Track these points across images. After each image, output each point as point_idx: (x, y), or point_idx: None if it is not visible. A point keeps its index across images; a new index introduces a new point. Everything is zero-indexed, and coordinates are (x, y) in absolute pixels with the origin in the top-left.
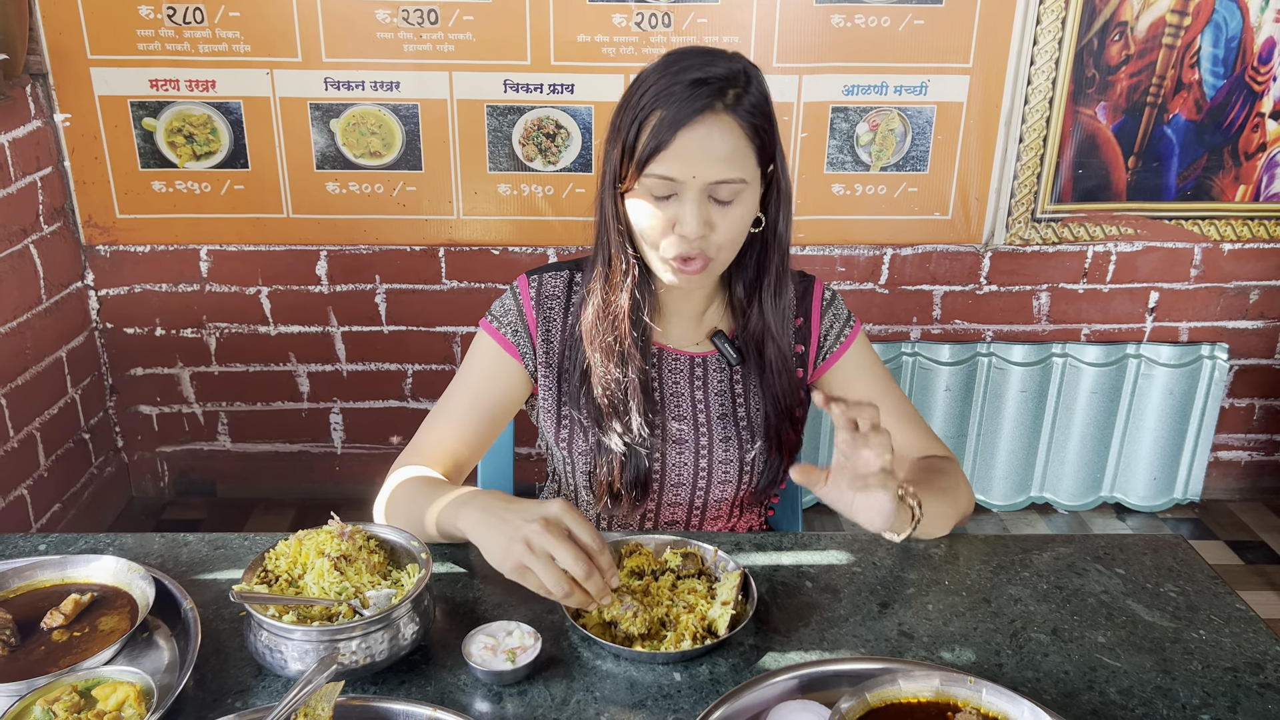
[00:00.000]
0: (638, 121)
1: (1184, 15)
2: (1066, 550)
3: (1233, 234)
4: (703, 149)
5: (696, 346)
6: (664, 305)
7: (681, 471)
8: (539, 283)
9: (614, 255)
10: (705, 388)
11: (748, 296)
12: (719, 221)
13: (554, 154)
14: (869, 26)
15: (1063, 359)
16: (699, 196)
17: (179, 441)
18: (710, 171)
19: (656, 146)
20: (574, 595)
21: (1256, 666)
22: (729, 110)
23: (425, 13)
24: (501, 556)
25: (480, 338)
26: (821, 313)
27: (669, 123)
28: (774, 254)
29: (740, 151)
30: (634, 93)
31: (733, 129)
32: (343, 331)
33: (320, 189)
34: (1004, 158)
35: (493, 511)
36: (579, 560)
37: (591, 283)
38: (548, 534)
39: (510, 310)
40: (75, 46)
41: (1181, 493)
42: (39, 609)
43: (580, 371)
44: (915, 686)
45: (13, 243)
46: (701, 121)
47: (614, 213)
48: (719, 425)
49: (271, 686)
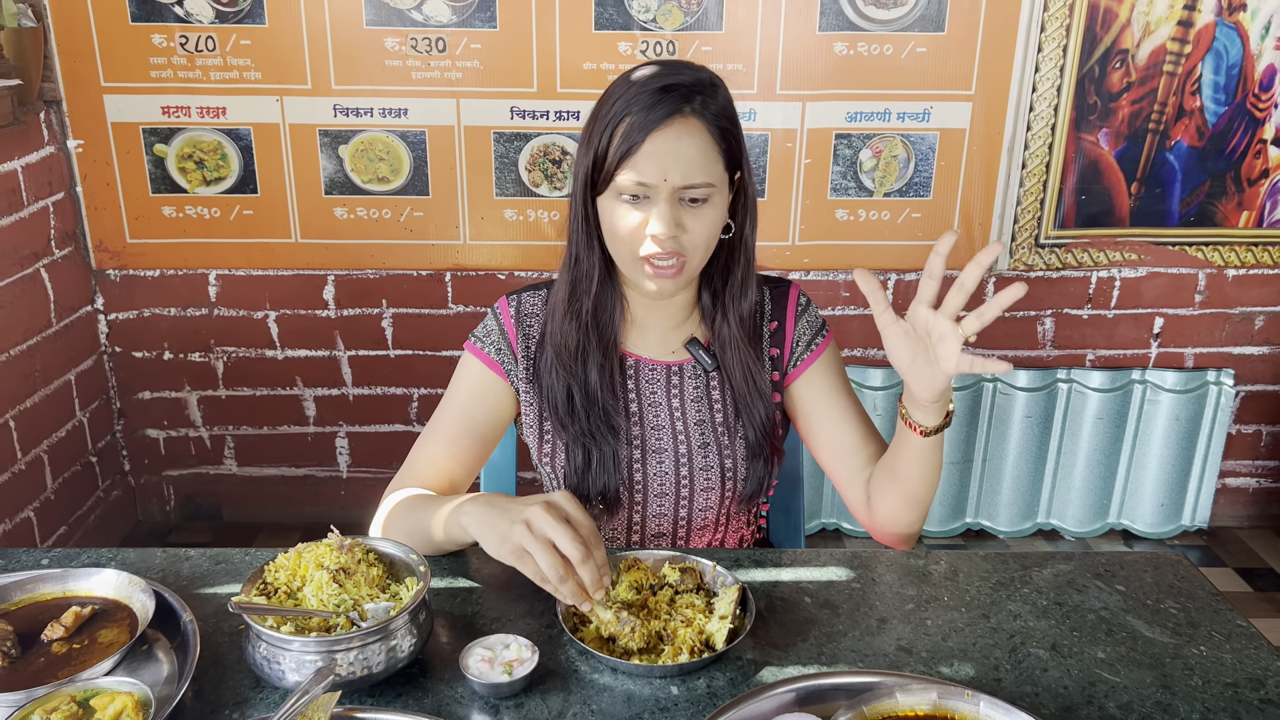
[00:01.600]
0: (609, 129)
1: (1184, 43)
2: (1067, 567)
3: (1237, 260)
4: (672, 151)
5: (672, 355)
6: (640, 318)
7: (664, 481)
8: (518, 302)
9: (580, 256)
10: (682, 395)
11: (715, 301)
12: (690, 223)
13: (559, 180)
14: (872, 54)
15: (1068, 384)
16: (670, 199)
17: (185, 465)
18: (680, 174)
19: (628, 150)
20: (568, 582)
21: (1257, 682)
22: (696, 114)
23: (434, 41)
24: (500, 541)
25: (466, 359)
26: (796, 318)
27: (639, 126)
28: (740, 257)
29: (708, 155)
30: (604, 103)
31: (701, 132)
32: (349, 355)
33: (328, 214)
34: (1007, 184)
35: (495, 504)
36: (575, 544)
37: (557, 284)
38: (548, 515)
39: (492, 331)
40: (89, 74)
41: (1189, 519)
42: (40, 621)
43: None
44: (913, 700)
45: (24, 266)
46: (671, 125)
47: (582, 215)
48: (696, 431)
49: (269, 698)
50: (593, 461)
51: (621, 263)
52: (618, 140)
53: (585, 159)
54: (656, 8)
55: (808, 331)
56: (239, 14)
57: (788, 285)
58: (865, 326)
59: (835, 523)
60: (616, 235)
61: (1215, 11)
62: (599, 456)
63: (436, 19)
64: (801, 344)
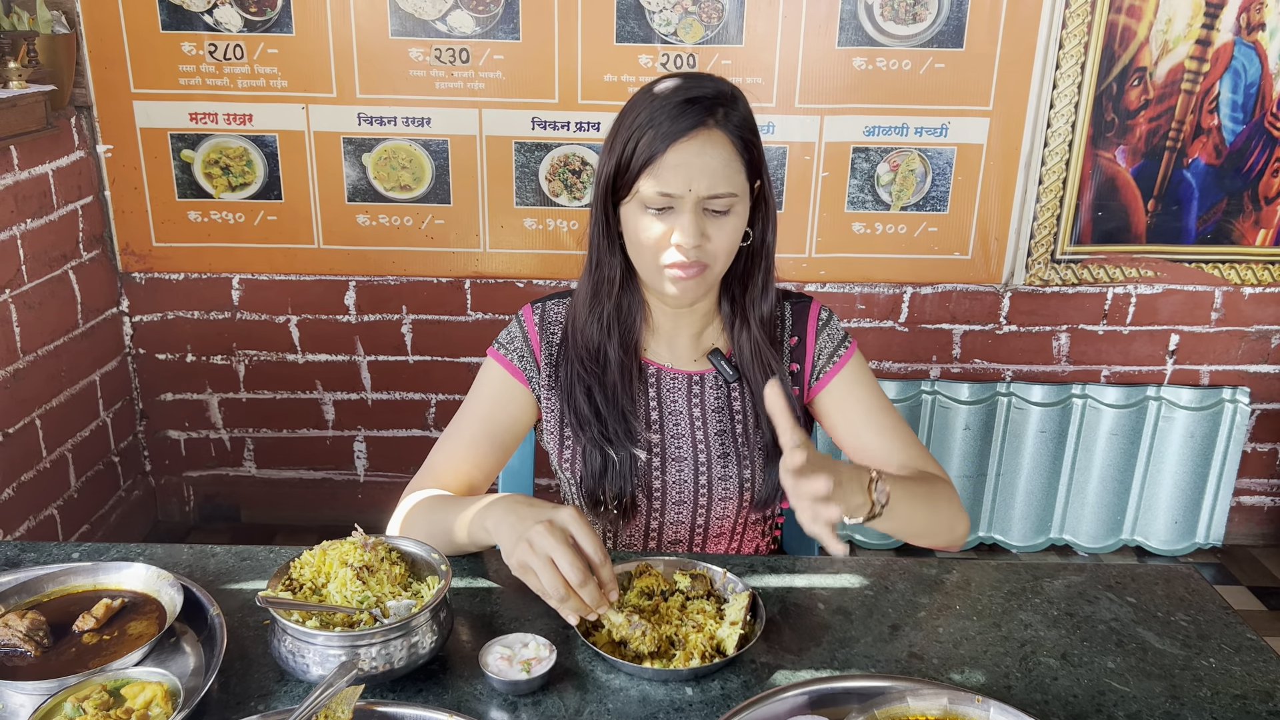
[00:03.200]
0: (633, 140)
1: (1203, 62)
2: (1078, 579)
3: (1253, 278)
4: (696, 163)
5: (694, 365)
6: (662, 327)
7: (682, 489)
8: (542, 310)
9: (600, 261)
10: (703, 405)
11: (735, 307)
12: (713, 233)
13: (579, 190)
14: (890, 70)
15: (1082, 400)
16: (695, 209)
17: (205, 467)
18: (704, 185)
19: (650, 157)
20: (570, 600)
21: (1266, 695)
22: (719, 125)
23: (457, 52)
24: (507, 553)
25: (488, 365)
26: (817, 332)
27: (663, 136)
28: (760, 263)
29: (731, 165)
30: (627, 114)
31: (724, 143)
32: (369, 361)
33: (351, 221)
34: (1024, 199)
35: (513, 509)
36: (575, 567)
37: (578, 290)
38: (549, 536)
39: (516, 338)
40: (120, 80)
41: (1204, 537)
42: (71, 613)
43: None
44: (924, 704)
45: (53, 268)
46: (694, 136)
47: (603, 221)
48: (716, 441)
49: (293, 691)
50: (609, 466)
51: (644, 270)
52: (641, 148)
53: (607, 165)
54: (677, 21)
55: (829, 345)
56: (267, 23)
57: (808, 301)
58: (880, 339)
59: (848, 534)
60: (641, 244)
61: (1234, 31)
62: (616, 461)
63: (461, 30)
64: (823, 358)
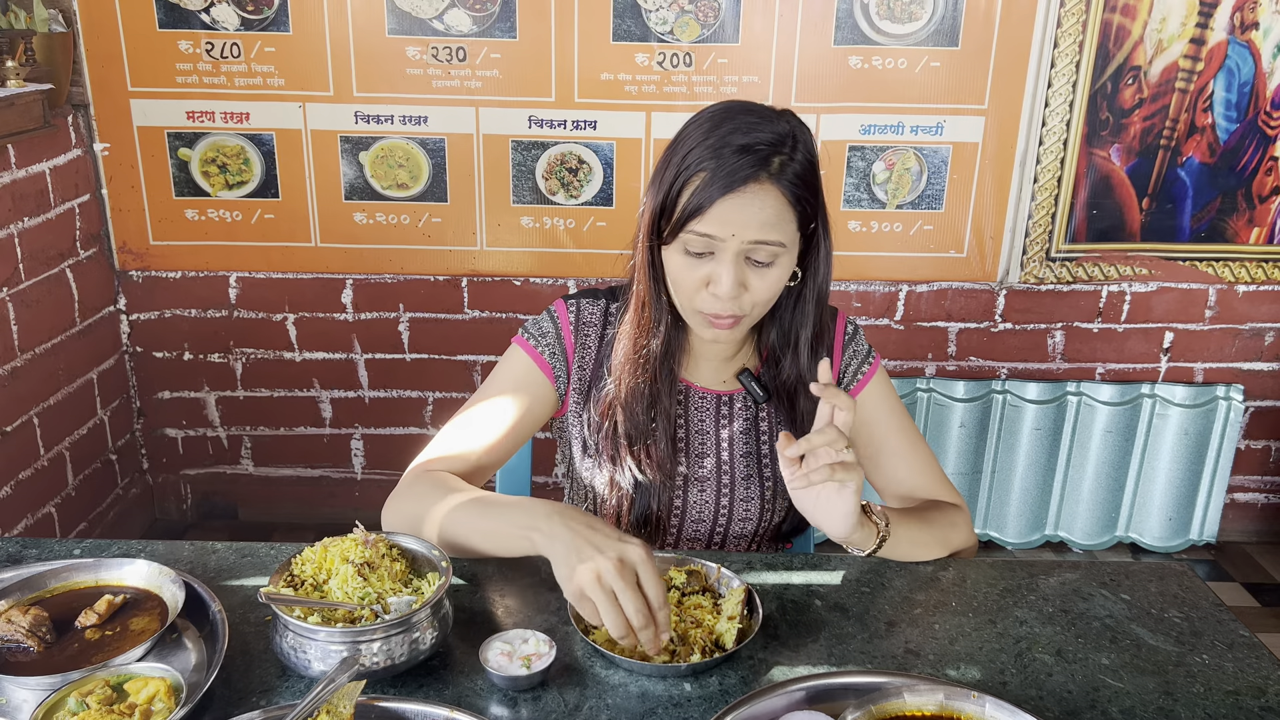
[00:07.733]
0: (681, 179)
1: (1197, 61)
2: (1073, 576)
3: (1247, 276)
4: (744, 215)
5: (724, 385)
6: (694, 347)
7: (703, 509)
8: (577, 308)
9: (647, 303)
10: (730, 425)
11: (782, 346)
12: (754, 282)
13: (576, 188)
14: (886, 68)
15: (1077, 397)
16: (735, 257)
17: (203, 464)
18: (749, 233)
19: (698, 208)
20: (627, 638)
21: (1258, 690)
22: (773, 179)
23: (454, 50)
24: (567, 578)
25: (514, 352)
26: (843, 347)
27: (714, 185)
28: (812, 309)
29: (782, 217)
30: (679, 148)
31: (776, 197)
32: (366, 359)
33: (348, 219)
34: (1019, 197)
35: (570, 527)
36: (640, 612)
37: (624, 324)
38: (620, 576)
39: (548, 332)
40: (117, 79)
41: (1198, 534)
42: (74, 609)
43: (606, 404)
44: (920, 700)
45: (50, 267)
46: (746, 190)
47: (649, 261)
48: (741, 463)
49: (295, 687)
50: (640, 493)
51: (681, 308)
52: (688, 196)
53: (654, 203)
54: (674, 20)
55: (854, 361)
56: (264, 22)
57: (834, 314)
58: (875, 337)
59: None
60: (678, 286)
61: (1228, 30)
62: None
63: (457, 29)
64: (848, 374)
